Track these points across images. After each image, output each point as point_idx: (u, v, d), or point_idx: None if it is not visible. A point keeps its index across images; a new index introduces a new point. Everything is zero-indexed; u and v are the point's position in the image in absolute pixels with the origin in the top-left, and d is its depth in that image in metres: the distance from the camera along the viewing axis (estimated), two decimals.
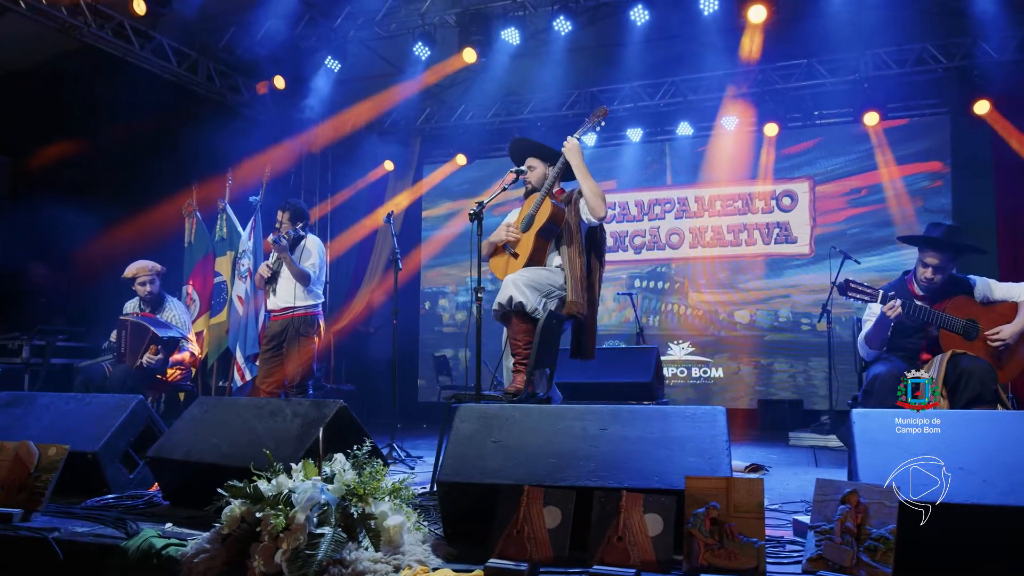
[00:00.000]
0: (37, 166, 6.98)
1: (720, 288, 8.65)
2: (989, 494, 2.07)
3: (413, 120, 9.75)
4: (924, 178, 7.96)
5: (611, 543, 2.15)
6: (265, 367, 5.17)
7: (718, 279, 8.67)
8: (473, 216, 3.64)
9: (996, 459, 2.16)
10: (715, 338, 8.58)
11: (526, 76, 8.57)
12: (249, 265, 6.36)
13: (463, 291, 9.93)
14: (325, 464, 2.34)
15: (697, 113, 8.66)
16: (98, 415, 3.47)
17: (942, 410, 2.46)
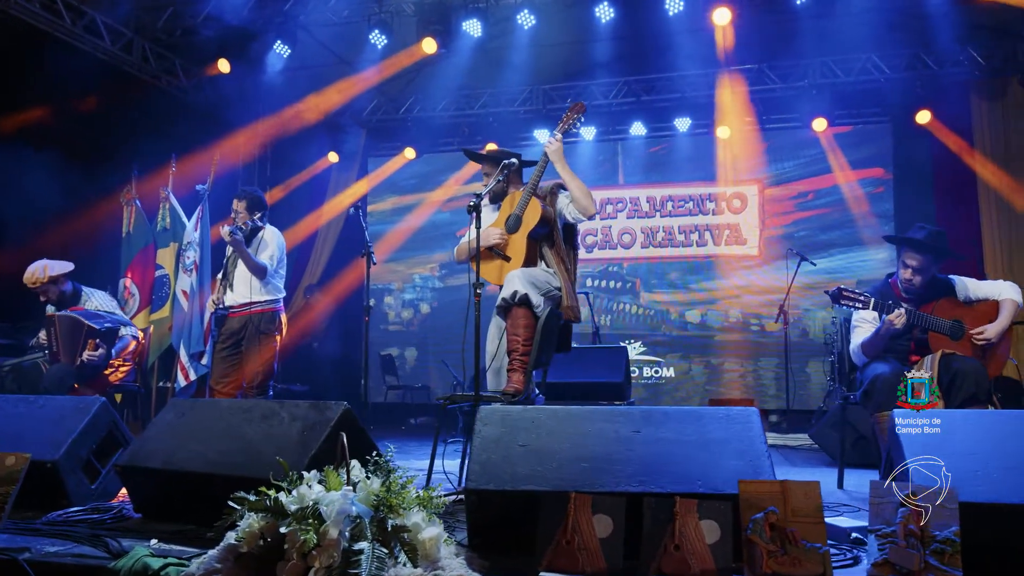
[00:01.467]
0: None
1: (671, 288, 8.72)
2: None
3: (360, 111, 9.44)
4: (868, 184, 8.22)
5: (668, 552, 2.03)
6: (222, 366, 4.83)
7: (669, 279, 8.73)
8: (471, 209, 3.47)
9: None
10: (666, 338, 8.63)
11: (477, 70, 8.40)
12: (195, 258, 5.98)
13: (409, 288, 9.68)
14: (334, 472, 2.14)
15: (650, 114, 8.71)
16: (55, 419, 3.13)
17: (990, 410, 2.44)
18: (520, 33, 7.46)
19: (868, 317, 3.68)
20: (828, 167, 8.31)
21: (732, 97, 8.16)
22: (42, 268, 4.74)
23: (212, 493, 2.68)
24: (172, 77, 8.00)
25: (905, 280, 3.58)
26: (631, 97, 8.62)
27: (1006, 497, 2.08)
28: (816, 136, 8.27)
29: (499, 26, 7.01)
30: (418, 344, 9.52)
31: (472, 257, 4.02)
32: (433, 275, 9.62)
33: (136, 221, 6.26)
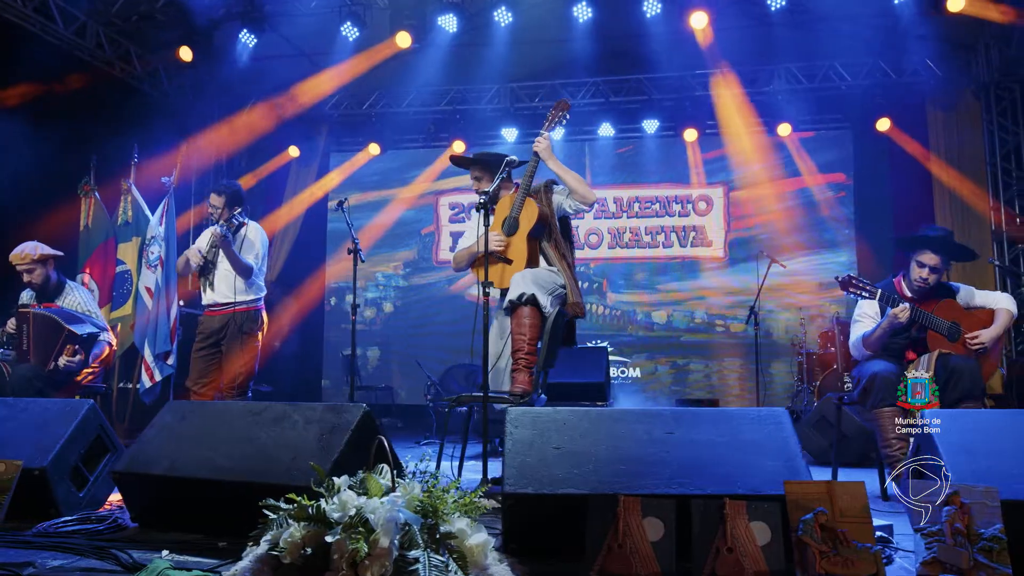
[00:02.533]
0: None
1: (638, 289, 8.78)
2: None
3: (322, 105, 9.21)
4: (829, 188, 8.44)
5: (721, 554, 2.01)
6: (200, 366, 4.64)
7: (636, 280, 8.79)
8: (480, 207, 3.39)
9: None
10: (633, 338, 8.69)
11: (444, 66, 8.29)
12: (160, 253, 5.73)
13: (372, 287, 9.51)
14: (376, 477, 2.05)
15: (618, 115, 8.75)
16: (39, 423, 2.94)
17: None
18: (488, 31, 7.41)
19: (870, 312, 3.75)
20: (792, 171, 8.50)
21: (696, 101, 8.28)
22: (33, 247, 4.48)
23: (222, 500, 2.56)
24: (126, 65, 7.66)
25: (920, 279, 3.65)
26: (600, 98, 8.65)
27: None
28: (780, 141, 8.44)
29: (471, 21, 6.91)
30: (381, 344, 9.36)
31: (471, 264, 3.97)
32: (397, 273, 9.47)
33: (95, 214, 5.97)
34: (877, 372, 3.46)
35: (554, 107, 3.86)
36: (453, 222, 9.41)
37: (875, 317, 3.76)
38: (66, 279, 4.69)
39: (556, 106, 3.86)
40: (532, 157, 3.78)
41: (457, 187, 9.37)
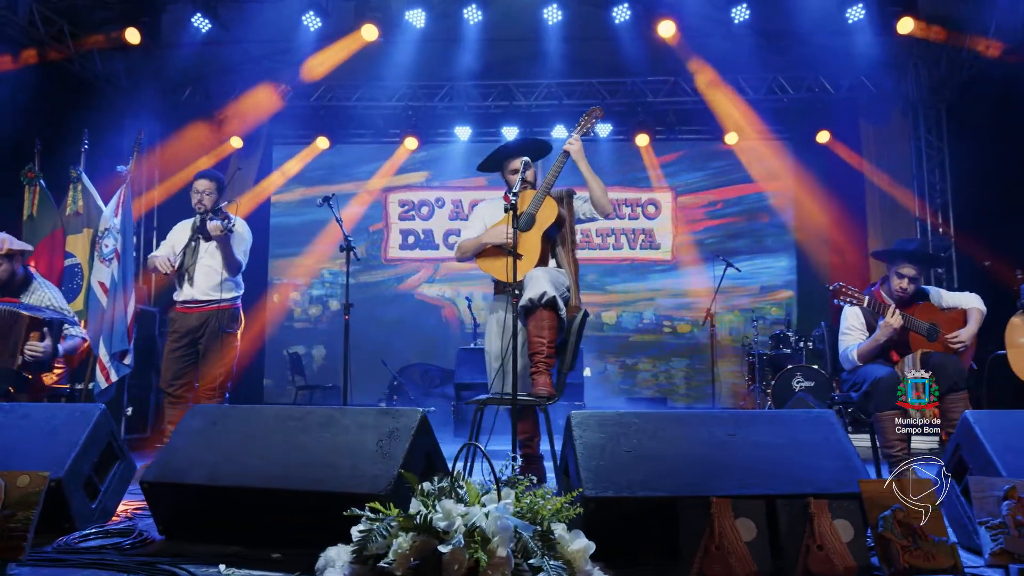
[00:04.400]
0: None
1: (588, 290, 8.89)
2: None
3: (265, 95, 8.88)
4: (771, 196, 8.82)
5: (812, 552, 2.08)
6: (176, 367, 4.41)
7: (587, 281, 8.90)
8: (509, 208, 3.35)
9: None
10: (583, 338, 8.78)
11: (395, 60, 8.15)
12: (116, 246, 5.36)
13: (317, 284, 9.25)
14: (450, 481, 2.01)
15: (572, 117, 8.83)
16: (47, 431, 2.72)
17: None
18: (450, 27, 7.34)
19: (856, 324, 3.95)
20: (736, 178, 8.82)
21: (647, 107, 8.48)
22: (0, 240, 4.11)
23: (269, 510, 2.44)
24: (60, 44, 7.15)
25: (900, 289, 3.86)
26: (553, 100, 8.72)
27: None
28: (724, 149, 8.75)
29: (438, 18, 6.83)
30: (327, 342, 9.12)
31: (478, 255, 3.92)
32: (343, 271, 9.21)
33: (40, 203, 5.53)
34: (879, 377, 3.64)
35: (587, 113, 3.88)
36: (403, 219, 9.27)
37: (861, 328, 3.95)
38: (34, 275, 4.34)
39: (589, 113, 3.88)
40: (561, 157, 3.78)
41: (408, 184, 9.24)
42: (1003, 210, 6.64)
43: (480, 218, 4.01)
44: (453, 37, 7.43)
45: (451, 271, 9.20)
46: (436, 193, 9.26)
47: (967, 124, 7.40)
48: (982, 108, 7.05)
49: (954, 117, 7.86)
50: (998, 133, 6.65)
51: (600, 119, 3.93)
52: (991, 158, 6.85)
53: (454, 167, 9.21)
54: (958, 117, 7.75)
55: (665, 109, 8.70)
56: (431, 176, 9.32)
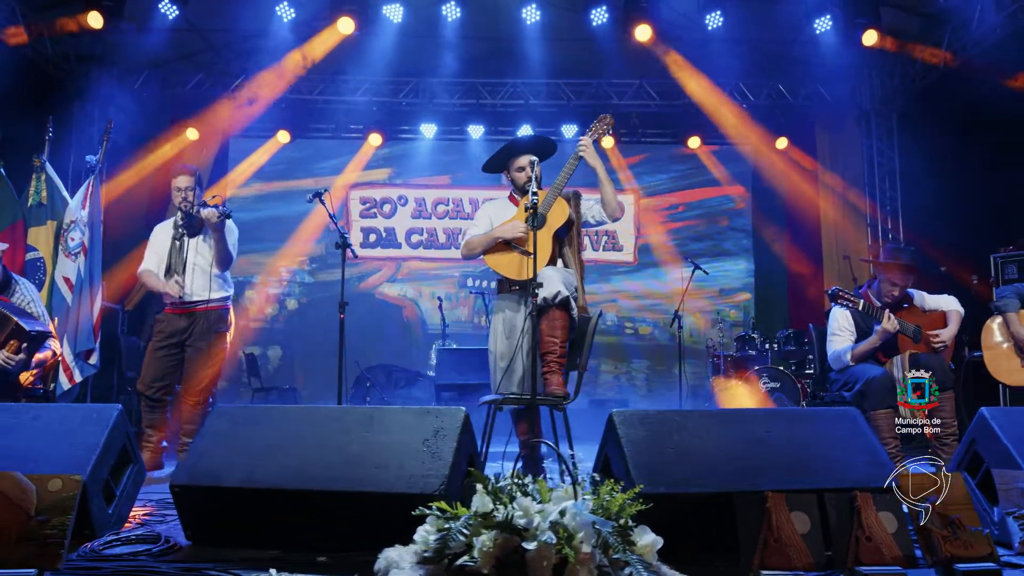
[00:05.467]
0: None
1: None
2: None
3: (225, 86, 8.63)
4: (730, 200, 9.06)
5: (862, 543, 2.16)
6: (158, 367, 4.24)
7: None
8: (530, 208, 3.36)
9: None
10: None
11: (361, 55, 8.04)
12: (83, 240, 5.15)
13: (274, 282, 9.02)
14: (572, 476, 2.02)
15: (538, 118, 8.88)
16: (62, 432, 2.59)
17: None
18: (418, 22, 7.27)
19: (847, 325, 4.11)
20: (697, 182, 9.03)
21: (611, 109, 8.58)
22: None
23: (311, 512, 2.39)
24: (13, 27, 6.79)
25: (889, 295, 4.03)
26: (519, 99, 8.75)
27: None
28: (686, 153, 8.94)
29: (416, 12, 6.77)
30: (283, 343, 8.91)
31: (485, 251, 3.91)
32: (302, 269, 9.05)
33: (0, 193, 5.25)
34: (873, 377, 3.80)
35: (598, 120, 3.91)
36: (364, 217, 9.13)
37: (851, 330, 4.12)
38: (12, 274, 4.11)
39: (600, 119, 3.91)
40: (573, 159, 3.80)
41: (370, 181, 9.11)
42: (952, 217, 7.00)
43: (487, 217, 4.00)
44: (425, 33, 7.37)
45: (413, 271, 9.12)
46: (399, 191, 9.17)
47: (917, 133, 7.77)
48: (932, 118, 7.42)
49: (905, 127, 8.24)
50: (947, 143, 7.00)
51: (611, 126, 3.98)
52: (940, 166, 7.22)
53: (418, 164, 9.13)
54: (909, 127, 8.13)
55: (629, 112, 8.84)
56: (394, 173, 9.22)
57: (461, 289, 9.02)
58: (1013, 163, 6.14)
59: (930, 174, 7.39)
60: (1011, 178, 6.12)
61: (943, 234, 7.03)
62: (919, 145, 7.70)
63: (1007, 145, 6.16)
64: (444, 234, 9.12)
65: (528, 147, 3.96)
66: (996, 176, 6.28)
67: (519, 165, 3.91)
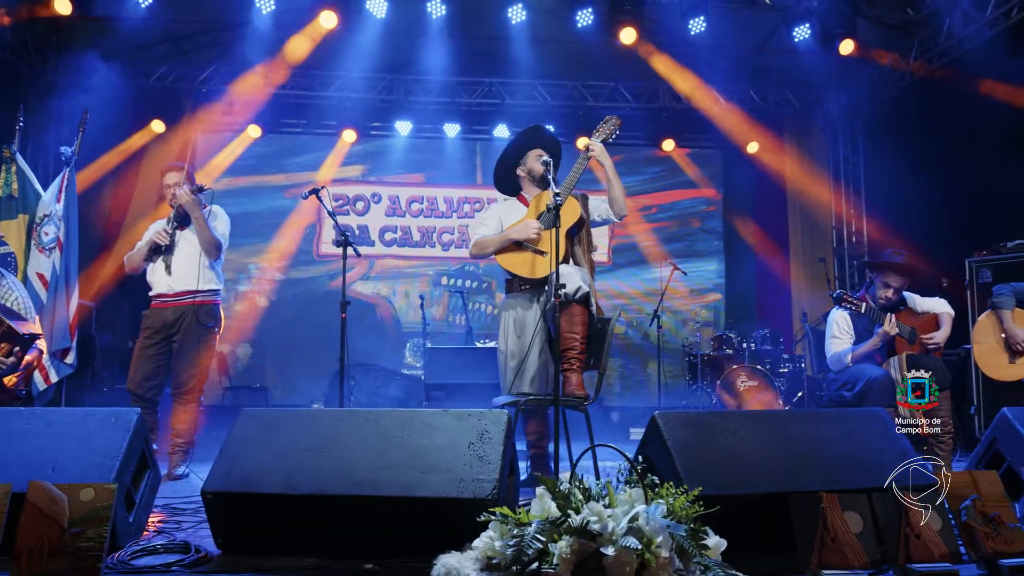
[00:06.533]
0: None
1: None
2: None
3: (191, 78, 8.37)
4: (702, 202, 9.19)
5: (911, 541, 2.20)
6: (148, 366, 4.07)
7: None
8: (553, 208, 3.33)
9: None
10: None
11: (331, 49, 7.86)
12: (58, 234, 4.94)
13: (243, 279, 8.79)
14: (639, 478, 2.01)
15: (513, 118, 8.84)
16: (80, 438, 2.47)
17: None
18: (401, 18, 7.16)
19: (847, 329, 4.20)
20: (670, 184, 9.13)
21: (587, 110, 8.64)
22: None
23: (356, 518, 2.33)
24: None
25: (885, 297, 4.13)
26: (495, 99, 8.70)
27: None
28: (659, 155, 9.03)
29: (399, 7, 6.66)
30: (253, 341, 8.68)
31: (496, 251, 3.87)
32: (271, 266, 8.83)
33: None
34: (874, 378, 3.89)
35: (604, 122, 3.91)
36: (337, 214, 8.93)
37: (850, 332, 4.22)
38: (2, 270, 3.89)
39: (607, 121, 3.92)
40: (582, 159, 3.80)
41: (343, 178, 8.95)
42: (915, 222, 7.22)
43: (496, 217, 3.97)
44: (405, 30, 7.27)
45: (386, 269, 9.00)
46: (373, 188, 9.03)
47: (883, 141, 7.99)
48: (898, 127, 7.63)
49: (871, 134, 8.47)
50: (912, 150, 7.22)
51: (619, 127, 3.98)
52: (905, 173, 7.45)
53: (392, 162, 9.01)
54: (875, 134, 8.36)
55: (603, 114, 8.84)
56: (367, 170, 9.07)
57: (436, 288, 8.93)
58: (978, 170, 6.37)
59: (895, 181, 7.62)
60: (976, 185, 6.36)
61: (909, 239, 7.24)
62: (885, 152, 7.92)
63: (972, 153, 6.39)
64: (418, 232, 9.02)
65: (545, 142, 3.95)
66: (961, 183, 6.51)
67: (530, 166, 3.89)
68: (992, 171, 6.13)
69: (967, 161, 6.43)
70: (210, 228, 4.07)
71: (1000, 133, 5.96)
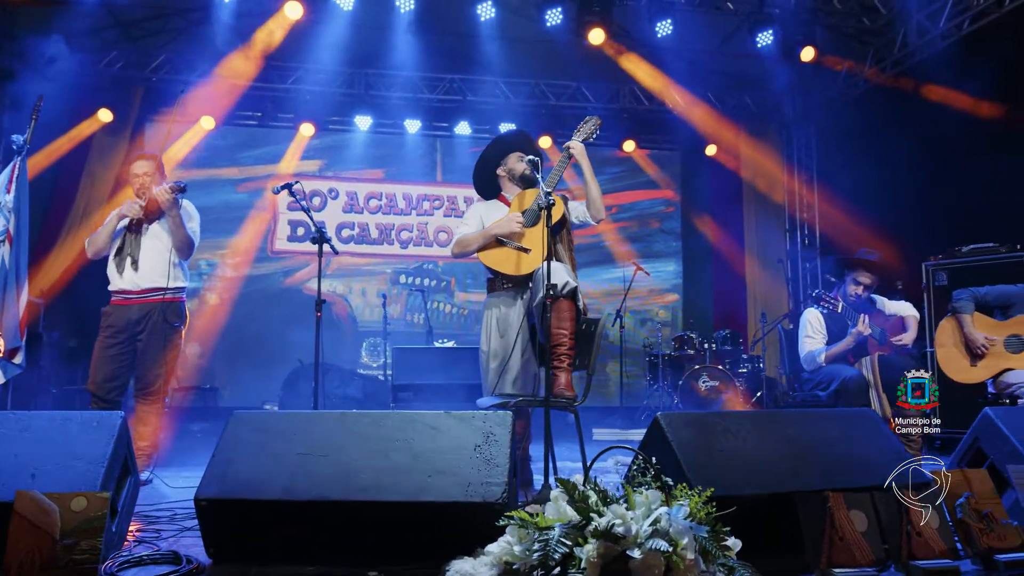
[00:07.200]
0: None
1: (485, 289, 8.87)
2: None
3: (142, 66, 8.06)
4: (660, 203, 9.29)
5: (912, 538, 2.25)
6: (111, 366, 3.89)
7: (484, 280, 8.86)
8: (544, 207, 3.30)
9: None
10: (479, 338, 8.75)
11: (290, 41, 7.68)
12: (8, 227, 4.65)
13: (193, 275, 8.49)
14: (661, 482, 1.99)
15: (474, 115, 8.79)
16: (60, 443, 2.33)
17: None
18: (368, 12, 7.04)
19: (819, 328, 4.29)
20: (630, 185, 9.21)
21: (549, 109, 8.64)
22: None
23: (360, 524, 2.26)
24: None
25: (855, 294, 4.23)
26: (457, 95, 8.63)
27: None
28: (619, 155, 9.10)
29: None
30: (202, 340, 8.40)
31: (479, 248, 3.82)
32: (223, 262, 8.57)
33: None
34: (849, 378, 3.98)
35: (584, 122, 3.89)
36: (292, 210, 8.75)
37: (823, 332, 4.31)
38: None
39: (587, 121, 3.89)
40: (563, 159, 3.78)
41: (299, 172, 8.74)
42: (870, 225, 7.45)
43: (477, 216, 3.91)
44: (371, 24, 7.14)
45: (343, 266, 8.83)
46: (330, 183, 8.85)
47: (836, 145, 8.22)
48: (850, 133, 7.86)
49: (825, 139, 8.70)
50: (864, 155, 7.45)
51: (599, 127, 3.97)
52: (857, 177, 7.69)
53: (351, 157, 8.85)
54: (828, 140, 8.59)
55: (565, 113, 8.91)
56: (325, 165, 8.88)
57: (394, 286, 8.81)
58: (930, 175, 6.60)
59: (849, 185, 7.85)
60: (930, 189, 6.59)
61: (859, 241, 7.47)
62: (839, 157, 8.15)
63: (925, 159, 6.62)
64: (376, 229, 8.88)
65: (526, 146, 3.92)
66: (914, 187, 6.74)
67: (519, 156, 3.86)
68: (945, 176, 6.36)
69: (920, 166, 6.66)
70: (185, 227, 3.91)
71: (952, 140, 6.18)
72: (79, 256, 7.78)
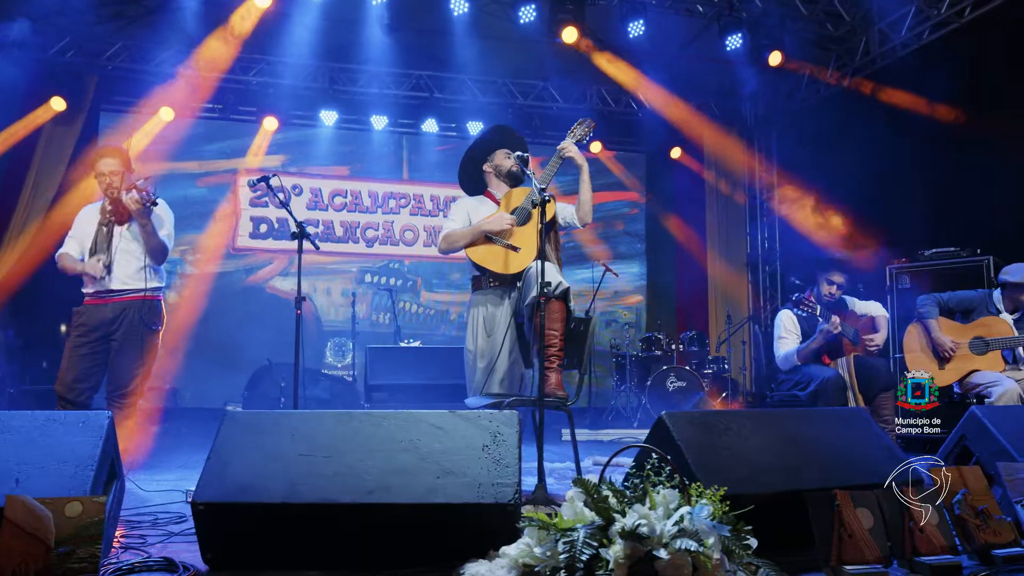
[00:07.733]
0: None
1: (453, 288, 8.83)
2: None
3: (97, 53, 7.77)
4: (625, 205, 9.35)
5: (915, 534, 2.28)
6: (82, 366, 3.73)
7: (451, 279, 8.83)
8: (539, 204, 3.27)
9: None
10: (445, 338, 8.71)
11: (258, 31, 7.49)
12: None
13: None
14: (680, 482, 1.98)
15: (442, 112, 8.72)
16: (46, 446, 2.21)
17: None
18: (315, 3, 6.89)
19: (792, 328, 4.35)
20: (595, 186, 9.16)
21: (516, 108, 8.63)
22: None
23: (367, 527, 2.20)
24: None
25: (829, 295, 4.31)
26: (424, 92, 8.55)
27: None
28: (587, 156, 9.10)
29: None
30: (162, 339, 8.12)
31: (467, 245, 3.77)
32: (183, 259, 8.32)
33: None
34: (827, 378, 4.05)
35: (578, 124, 3.87)
36: (254, 206, 8.55)
37: (796, 332, 4.38)
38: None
39: (580, 123, 3.87)
40: (555, 158, 3.75)
41: (262, 167, 8.53)
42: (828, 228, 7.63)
43: (464, 212, 3.86)
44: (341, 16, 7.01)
45: (307, 264, 8.60)
46: (293, 179, 8.66)
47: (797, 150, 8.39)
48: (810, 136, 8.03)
49: (786, 142, 8.87)
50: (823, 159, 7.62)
51: (592, 129, 3.96)
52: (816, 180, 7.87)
53: (315, 153, 8.68)
54: (790, 142, 8.76)
55: (532, 113, 8.90)
56: (288, 161, 8.69)
57: (359, 285, 8.67)
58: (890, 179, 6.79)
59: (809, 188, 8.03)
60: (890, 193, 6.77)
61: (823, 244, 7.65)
62: (800, 160, 8.32)
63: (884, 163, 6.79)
64: (341, 227, 8.73)
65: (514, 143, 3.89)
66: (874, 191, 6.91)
67: (506, 153, 3.82)
68: (906, 181, 6.54)
69: (879, 170, 6.84)
70: (157, 235, 3.77)
71: (913, 146, 6.36)
72: (28, 253, 7.47)
